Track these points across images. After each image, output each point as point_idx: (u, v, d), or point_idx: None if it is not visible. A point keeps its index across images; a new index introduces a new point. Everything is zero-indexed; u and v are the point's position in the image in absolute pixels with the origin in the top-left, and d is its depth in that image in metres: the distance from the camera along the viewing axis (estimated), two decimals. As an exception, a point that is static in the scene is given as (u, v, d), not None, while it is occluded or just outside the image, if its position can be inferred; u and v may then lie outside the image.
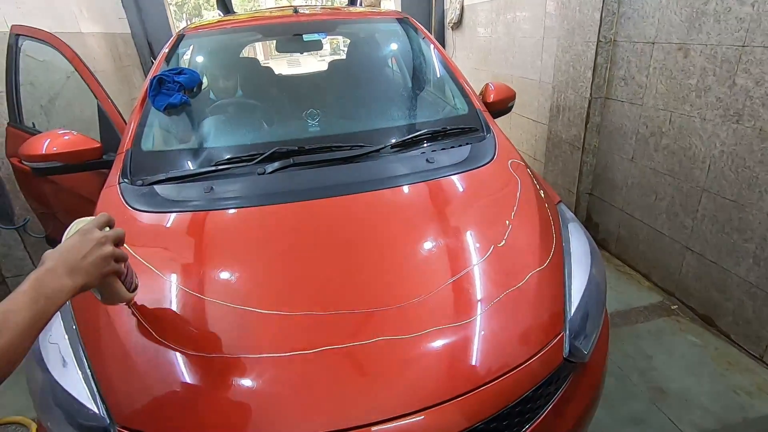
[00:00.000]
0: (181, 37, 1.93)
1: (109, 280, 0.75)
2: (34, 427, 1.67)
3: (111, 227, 0.76)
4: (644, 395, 1.65)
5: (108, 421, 0.81)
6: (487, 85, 1.86)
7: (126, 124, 1.61)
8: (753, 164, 1.66)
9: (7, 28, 2.00)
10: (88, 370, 0.88)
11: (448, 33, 4.88)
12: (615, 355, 1.83)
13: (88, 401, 0.84)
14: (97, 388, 0.85)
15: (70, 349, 0.92)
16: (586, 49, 2.41)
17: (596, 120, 2.50)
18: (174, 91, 1.57)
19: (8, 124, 2.04)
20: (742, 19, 1.62)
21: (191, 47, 2.02)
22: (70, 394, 0.85)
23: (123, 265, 0.77)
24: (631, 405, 1.62)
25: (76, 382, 0.86)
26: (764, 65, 1.56)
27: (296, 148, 1.37)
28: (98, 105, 1.93)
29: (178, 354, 0.86)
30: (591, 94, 2.43)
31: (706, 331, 1.97)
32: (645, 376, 1.74)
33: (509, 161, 1.43)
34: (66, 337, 0.95)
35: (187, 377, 0.83)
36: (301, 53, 2.44)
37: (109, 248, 0.71)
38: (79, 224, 0.76)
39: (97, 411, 0.82)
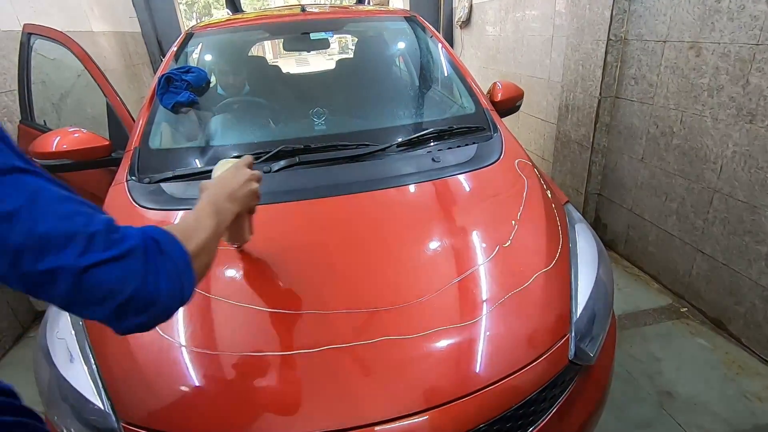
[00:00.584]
0: (189, 36, 1.94)
1: (245, 217, 0.88)
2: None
3: (251, 168, 0.86)
4: (652, 399, 1.63)
5: (113, 417, 0.82)
6: (494, 83, 1.85)
7: (134, 122, 1.63)
8: (766, 165, 1.62)
9: (20, 26, 2.02)
10: (94, 366, 0.89)
11: (457, 31, 4.85)
12: (623, 358, 1.81)
13: (94, 397, 0.84)
14: (102, 384, 0.86)
15: (77, 345, 0.93)
16: (595, 48, 2.38)
17: (606, 119, 2.47)
18: (182, 90, 1.58)
19: (20, 121, 2.07)
20: (756, 17, 1.58)
21: (199, 46, 2.03)
22: (76, 390, 0.86)
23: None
24: (638, 409, 1.59)
25: (82, 378, 0.87)
26: (779, 64, 1.53)
27: (302, 146, 1.37)
28: (107, 103, 1.95)
29: (182, 351, 0.87)
30: (600, 94, 2.40)
31: (717, 334, 1.93)
32: (653, 379, 1.71)
33: (516, 161, 1.42)
34: (73, 332, 0.96)
35: (191, 374, 0.84)
36: (308, 52, 2.44)
37: (256, 185, 0.83)
38: (226, 163, 0.88)
39: (102, 407, 0.83)
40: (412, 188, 1.26)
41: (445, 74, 1.95)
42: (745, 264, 1.78)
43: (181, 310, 0.94)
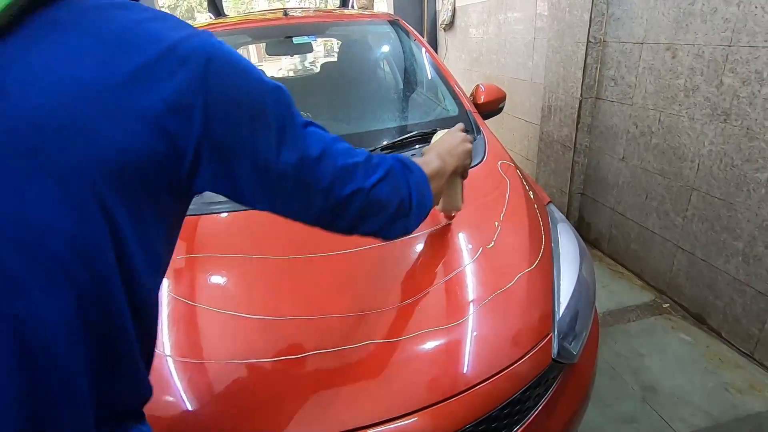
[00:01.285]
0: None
1: (457, 180, 1.00)
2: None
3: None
4: (636, 394, 1.66)
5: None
6: (477, 86, 1.87)
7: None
8: (740, 163, 1.67)
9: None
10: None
11: (441, 34, 4.89)
12: (607, 354, 1.84)
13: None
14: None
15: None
16: (576, 50, 2.42)
17: (587, 120, 2.51)
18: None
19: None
20: (728, 20, 1.63)
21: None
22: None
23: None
24: (623, 404, 1.62)
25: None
26: (750, 65, 1.57)
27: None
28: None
29: (164, 360, 0.86)
30: (581, 95, 2.45)
31: (698, 328, 1.98)
32: (637, 374, 1.75)
33: (499, 162, 1.43)
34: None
35: (176, 385, 0.83)
36: (291, 56, 2.43)
37: (470, 145, 0.93)
38: (441, 132, 1.03)
39: (82, 419, 0.82)
40: None
41: (429, 77, 1.97)
42: (723, 260, 1.83)
43: (164, 318, 0.93)
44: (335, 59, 2.67)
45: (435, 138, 0.98)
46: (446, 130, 1.00)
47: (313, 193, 0.57)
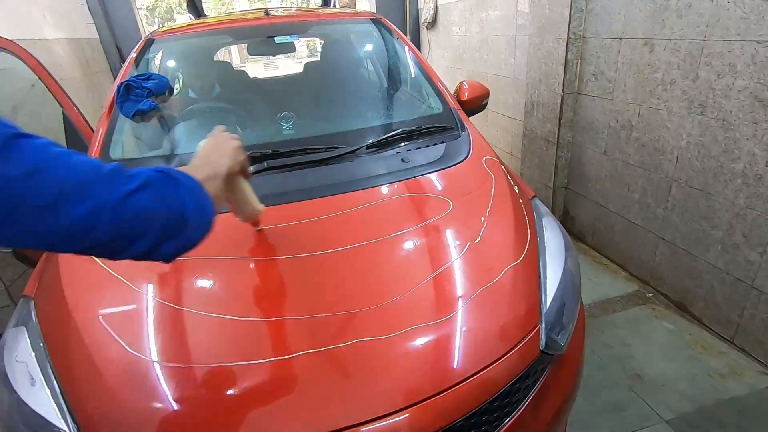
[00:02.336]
0: (149, 42, 1.89)
1: (241, 180, 0.91)
2: (6, 449, 1.61)
3: None
4: (623, 383, 1.69)
5: (79, 439, 0.78)
6: (461, 83, 1.88)
7: (93, 132, 1.57)
8: (717, 154, 1.72)
9: (-36, 35, 1.92)
10: (57, 388, 0.85)
11: (423, 33, 4.91)
12: (594, 345, 1.87)
13: (58, 420, 0.81)
14: (67, 406, 0.82)
15: (38, 367, 0.89)
16: (557, 46, 2.45)
17: (569, 115, 2.55)
18: (142, 97, 1.53)
19: (-31, 135, 1.96)
20: (702, 14, 1.67)
21: (160, 52, 1.98)
22: (38, 414, 0.82)
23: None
24: (610, 393, 1.65)
25: (44, 401, 0.84)
26: (725, 58, 1.62)
27: (270, 151, 1.36)
28: (63, 113, 1.87)
29: (151, 366, 0.84)
30: (563, 90, 2.48)
31: (680, 317, 2.03)
32: (623, 363, 1.78)
33: (483, 158, 1.44)
34: (33, 354, 0.91)
35: (162, 390, 0.81)
36: (274, 56, 2.41)
37: (237, 142, 0.85)
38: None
39: (67, 430, 0.80)
40: (382, 189, 1.26)
41: (412, 75, 1.97)
42: (702, 249, 1.87)
43: (148, 323, 0.92)
44: (317, 59, 2.66)
45: (200, 144, 0.90)
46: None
47: (29, 213, 0.47)
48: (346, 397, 0.80)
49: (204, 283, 1.02)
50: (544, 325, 0.98)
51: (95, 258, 1.06)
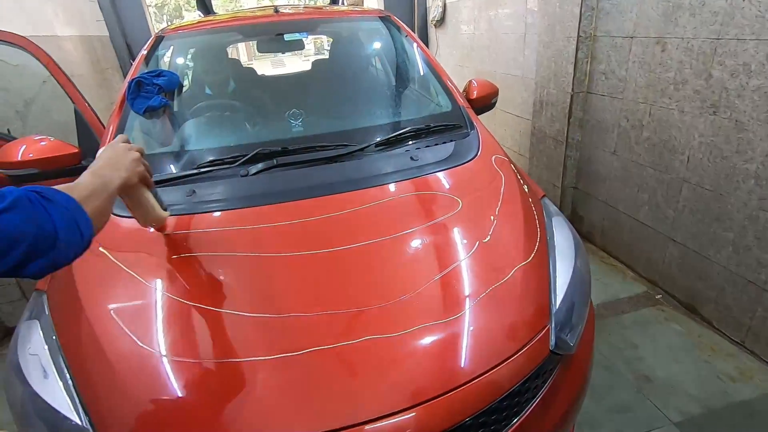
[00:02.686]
0: (159, 39, 1.90)
1: (142, 190, 0.93)
2: (17, 440, 1.63)
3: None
4: (631, 384, 1.68)
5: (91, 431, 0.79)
6: (470, 81, 1.87)
7: (105, 128, 1.58)
8: (730, 154, 1.70)
9: (-22, 32, 1.94)
10: (69, 381, 0.86)
11: (432, 31, 4.89)
12: (601, 346, 1.86)
13: (70, 412, 0.82)
14: (79, 398, 0.83)
15: (51, 360, 0.90)
16: (566, 45, 2.43)
17: (578, 114, 2.53)
18: (153, 94, 1.54)
19: (-18, 131, 1.99)
20: (716, 12, 1.65)
21: (170, 49, 1.99)
22: (51, 406, 0.83)
23: (151, 178, 0.94)
24: (618, 394, 1.64)
25: (57, 394, 0.85)
26: (738, 57, 1.59)
27: (279, 148, 1.36)
28: (75, 109, 1.89)
29: (162, 360, 0.85)
30: (573, 89, 2.46)
31: (690, 319, 2.01)
32: (631, 365, 1.77)
33: (493, 157, 1.44)
34: (46, 347, 0.93)
35: (172, 384, 0.82)
36: (283, 53, 2.41)
37: (136, 153, 0.88)
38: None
39: (79, 422, 0.81)
40: (391, 187, 1.26)
41: (421, 73, 1.96)
42: (714, 250, 1.85)
43: (159, 318, 0.92)
44: (324, 56, 2.66)
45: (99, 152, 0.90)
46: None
47: None
48: (353, 394, 0.80)
49: (214, 279, 1.02)
50: (553, 325, 0.97)
51: (107, 253, 1.08)
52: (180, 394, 0.81)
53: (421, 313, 0.91)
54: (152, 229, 1.14)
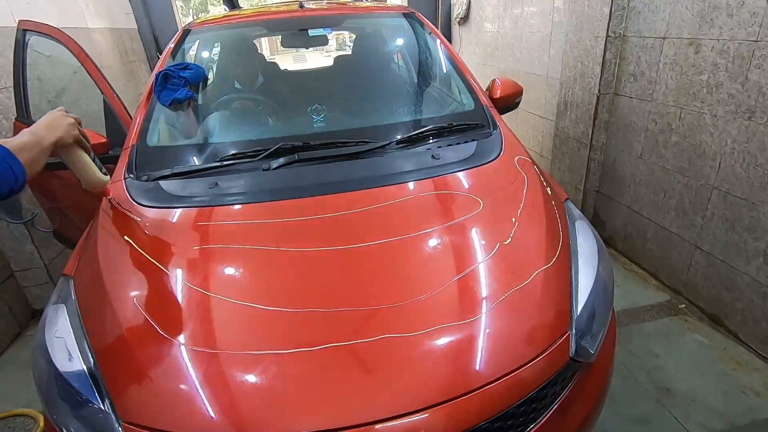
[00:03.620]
0: (186, 33, 1.93)
1: (80, 153, 1.07)
2: (41, 419, 1.69)
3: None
4: (651, 395, 1.64)
5: (113, 417, 0.81)
6: (494, 80, 1.84)
7: (132, 119, 1.62)
8: (765, 161, 1.63)
9: (15, 23, 2.00)
10: (93, 365, 0.88)
11: (455, 28, 4.84)
12: (621, 354, 1.81)
13: (93, 396, 0.84)
14: (102, 383, 0.85)
15: (76, 344, 0.92)
16: (594, 45, 2.37)
17: (604, 116, 2.47)
18: (179, 87, 1.56)
19: (16, 118, 2.05)
20: (755, 14, 1.58)
21: (197, 42, 2.02)
22: (75, 388, 0.86)
23: (88, 143, 1.09)
24: (637, 405, 1.60)
25: (81, 377, 0.87)
26: (778, 61, 1.53)
27: (301, 143, 1.37)
28: (104, 100, 1.93)
29: (182, 349, 0.86)
30: (599, 90, 2.40)
31: (715, 330, 1.94)
32: (651, 375, 1.72)
33: (516, 158, 1.41)
34: (71, 331, 0.95)
35: (191, 373, 0.83)
36: (307, 48, 2.42)
37: (71, 119, 1.02)
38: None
39: (101, 406, 0.83)
40: (411, 186, 1.25)
41: (444, 71, 1.94)
42: (743, 260, 1.79)
43: (180, 308, 0.94)
44: (345, 52, 2.66)
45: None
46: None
47: None
48: (370, 392, 0.80)
49: (234, 271, 1.04)
50: (574, 331, 0.95)
51: (132, 242, 1.10)
52: (196, 383, 0.82)
53: (439, 313, 0.91)
54: (176, 219, 1.16)
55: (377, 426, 0.76)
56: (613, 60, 2.33)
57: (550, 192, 1.31)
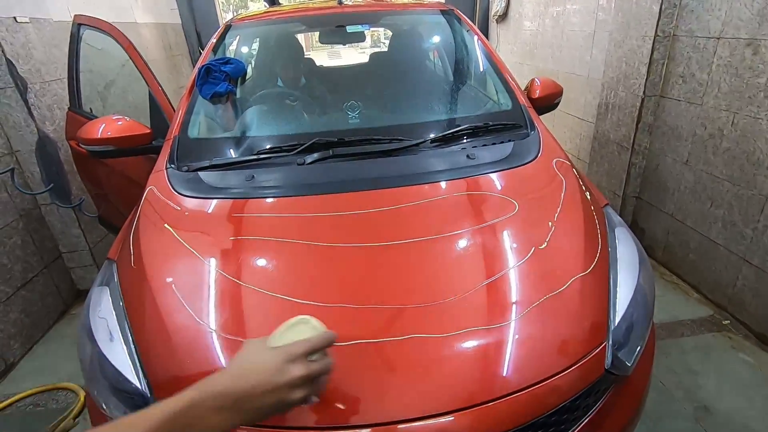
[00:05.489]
0: (228, 28, 1.98)
1: None
2: (82, 394, 1.78)
3: (323, 351, 0.57)
4: (688, 413, 1.56)
5: (149, 395, 0.85)
6: (533, 80, 1.79)
7: (174, 111, 1.67)
8: (828, 173, 1.51)
9: (71, 17, 2.11)
10: (132, 346, 0.92)
11: (492, 26, 4.75)
12: (658, 369, 1.73)
13: (131, 375, 0.88)
14: (140, 363, 0.89)
15: (117, 325, 0.96)
16: (641, 44, 2.27)
17: (648, 119, 2.36)
18: (220, 81, 1.61)
19: (69, 108, 2.17)
20: (825, 13, 1.47)
21: (237, 38, 2.06)
22: (115, 367, 0.90)
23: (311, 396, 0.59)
24: (673, 423, 1.53)
25: (121, 357, 0.91)
26: None
27: (336, 139, 1.37)
28: (149, 92, 2.01)
29: (214, 336, 0.89)
30: (644, 92, 2.30)
31: (761, 350, 1.83)
32: (690, 393, 1.64)
33: (554, 160, 1.37)
34: (113, 312, 1.00)
35: (223, 360, 0.86)
36: (344, 44, 2.43)
37: (299, 394, 0.53)
38: (293, 330, 0.57)
39: (139, 385, 0.86)
40: (446, 185, 1.24)
41: (482, 69, 1.91)
42: (797, 277, 1.67)
43: (215, 296, 0.96)
44: (380, 49, 2.65)
45: (277, 332, 0.62)
46: (302, 330, 0.64)
47: None
48: (395, 391, 0.80)
49: (267, 263, 1.06)
50: (611, 343, 0.91)
51: (171, 229, 1.14)
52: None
53: (470, 316, 0.89)
54: (212, 209, 1.19)
55: (401, 426, 0.75)
56: (660, 60, 2.22)
57: (589, 197, 1.26)
